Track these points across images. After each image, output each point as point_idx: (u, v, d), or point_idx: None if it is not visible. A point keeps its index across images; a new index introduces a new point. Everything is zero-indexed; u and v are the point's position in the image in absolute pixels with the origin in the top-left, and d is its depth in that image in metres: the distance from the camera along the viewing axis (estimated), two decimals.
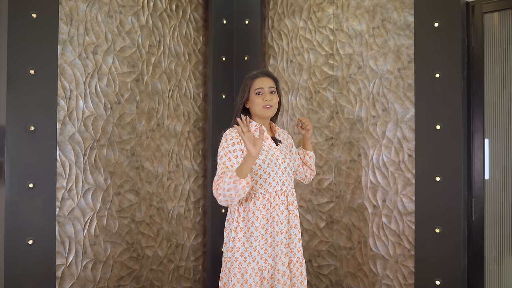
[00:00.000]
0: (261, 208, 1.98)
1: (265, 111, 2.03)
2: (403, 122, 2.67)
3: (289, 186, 2.06)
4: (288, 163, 2.06)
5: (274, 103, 2.05)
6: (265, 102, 2.02)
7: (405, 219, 2.66)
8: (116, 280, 2.73)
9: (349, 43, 2.89)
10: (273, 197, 2.00)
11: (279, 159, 2.02)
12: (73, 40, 2.57)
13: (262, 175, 1.98)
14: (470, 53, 2.54)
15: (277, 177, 2.00)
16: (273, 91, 2.06)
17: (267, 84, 2.05)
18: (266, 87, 2.04)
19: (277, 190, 2.00)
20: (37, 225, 2.34)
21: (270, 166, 1.98)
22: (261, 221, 1.98)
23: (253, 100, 2.04)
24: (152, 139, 2.93)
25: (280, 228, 2.00)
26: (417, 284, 2.56)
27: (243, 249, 1.98)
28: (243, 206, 2.01)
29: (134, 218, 2.82)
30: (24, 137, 2.31)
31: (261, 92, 2.03)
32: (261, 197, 1.99)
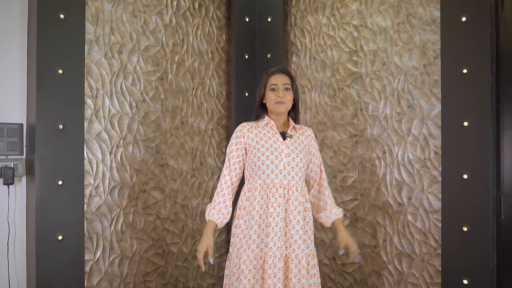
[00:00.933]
0: (259, 198, 2.06)
1: (277, 107, 2.08)
2: (429, 118, 2.63)
3: (292, 181, 2.07)
4: (294, 158, 2.08)
5: (287, 100, 2.10)
6: (277, 98, 2.07)
7: (431, 217, 2.62)
8: (142, 276, 2.78)
9: (373, 39, 2.86)
10: (270, 189, 2.04)
11: (283, 153, 2.06)
12: (99, 40, 2.61)
13: (260, 167, 2.06)
14: (499, 47, 2.47)
15: (276, 170, 2.04)
16: (288, 88, 2.11)
17: (282, 81, 2.10)
18: (280, 83, 2.09)
19: (276, 183, 2.04)
20: (66, 221, 2.40)
21: (269, 158, 2.04)
22: (258, 211, 2.06)
23: (267, 96, 2.12)
24: (176, 137, 2.96)
25: (275, 221, 2.02)
26: (444, 283, 2.52)
27: (242, 235, 2.08)
28: (246, 196, 2.12)
29: (159, 215, 2.86)
30: (53, 136, 2.36)
31: (275, 89, 2.09)
32: (259, 188, 2.07)
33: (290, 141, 2.11)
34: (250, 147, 2.10)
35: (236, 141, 2.13)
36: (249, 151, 2.12)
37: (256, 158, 2.07)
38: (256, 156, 2.07)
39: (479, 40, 2.43)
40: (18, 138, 2.40)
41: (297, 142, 2.15)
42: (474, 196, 2.43)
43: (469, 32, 2.45)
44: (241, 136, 2.12)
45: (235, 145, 2.13)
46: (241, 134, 2.12)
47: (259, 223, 2.06)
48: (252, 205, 2.07)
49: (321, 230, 3.06)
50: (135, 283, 2.75)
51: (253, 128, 2.13)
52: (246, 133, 2.12)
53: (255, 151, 2.08)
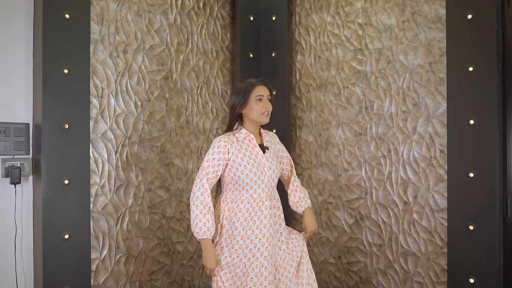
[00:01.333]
0: (244, 211, 2.11)
1: (264, 118, 2.14)
2: (435, 117, 2.62)
3: (273, 192, 2.19)
4: (274, 170, 2.16)
5: (270, 111, 2.17)
6: (264, 108, 2.13)
7: (437, 216, 2.61)
8: (148, 275, 2.79)
9: (378, 38, 2.85)
10: (256, 203, 2.11)
11: (265, 167, 2.13)
12: (104, 40, 2.62)
13: (248, 183, 2.10)
14: (506, 45, 2.46)
15: (262, 184, 2.11)
16: (269, 99, 2.17)
17: (266, 92, 2.16)
18: (265, 95, 2.15)
19: (262, 196, 2.12)
20: (72, 220, 2.41)
21: (256, 175, 2.09)
22: (242, 222, 2.10)
23: (252, 106, 2.13)
24: (181, 136, 2.97)
25: (262, 232, 2.10)
26: (450, 282, 2.51)
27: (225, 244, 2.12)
28: (228, 206, 2.14)
29: (164, 214, 2.87)
30: (59, 135, 2.38)
31: (262, 99, 2.14)
32: (246, 201, 2.11)
33: (268, 154, 2.18)
34: (234, 163, 2.09)
35: (218, 157, 2.09)
36: (231, 165, 2.10)
37: (240, 173, 2.09)
38: (240, 171, 2.09)
39: (485, 37, 2.42)
40: (24, 137, 2.41)
41: (272, 153, 2.22)
42: (480, 194, 2.41)
43: (475, 30, 2.44)
44: (224, 152, 2.09)
45: (217, 160, 2.09)
46: (225, 150, 2.09)
47: (242, 234, 2.10)
48: (236, 216, 2.11)
49: (326, 229, 3.05)
50: (141, 281, 2.76)
51: (234, 143, 2.12)
52: (230, 149, 2.11)
53: (240, 167, 2.09)
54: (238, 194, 2.13)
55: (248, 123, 2.18)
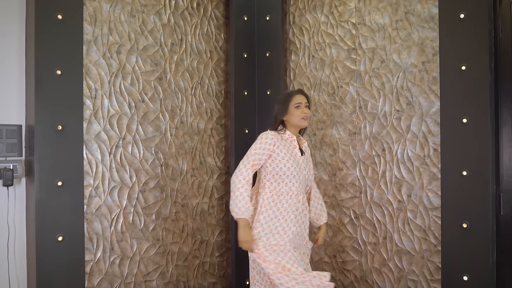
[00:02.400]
0: (284, 202, 2.34)
1: (303, 122, 2.40)
2: (428, 116, 2.63)
3: (305, 189, 2.45)
4: (308, 171, 2.45)
5: (309, 116, 2.42)
6: (303, 114, 2.39)
7: (431, 214, 2.62)
8: (143, 276, 2.78)
9: (371, 37, 2.85)
10: (295, 195, 2.36)
11: (301, 167, 2.39)
12: (97, 40, 2.61)
13: (289, 176, 2.33)
14: (498, 44, 2.48)
15: (299, 180, 2.36)
16: (307, 106, 2.43)
17: (304, 100, 2.42)
18: (303, 102, 2.40)
19: (299, 191, 2.37)
20: (66, 222, 2.40)
21: (295, 170, 2.34)
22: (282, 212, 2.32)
23: (292, 112, 2.39)
24: (176, 136, 2.96)
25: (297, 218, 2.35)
26: (444, 279, 2.52)
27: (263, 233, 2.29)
28: (267, 195, 2.35)
29: (159, 215, 2.86)
30: (52, 136, 2.36)
31: (300, 106, 2.39)
32: (285, 193, 2.36)
33: (304, 157, 2.44)
34: (278, 156, 2.33)
35: (265, 147, 2.32)
36: (275, 158, 2.33)
37: (282, 165, 2.33)
38: (282, 164, 2.33)
39: (477, 36, 2.43)
40: (17, 139, 2.40)
41: (306, 157, 2.49)
42: (473, 192, 2.43)
43: (467, 29, 2.45)
44: (271, 144, 2.33)
45: (263, 149, 2.32)
46: (271, 142, 2.33)
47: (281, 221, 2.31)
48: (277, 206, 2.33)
49: None
50: (135, 283, 2.75)
51: (279, 140, 2.37)
52: (276, 143, 2.34)
53: (283, 160, 2.33)
54: (278, 186, 2.35)
55: (289, 127, 2.43)
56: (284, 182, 2.35)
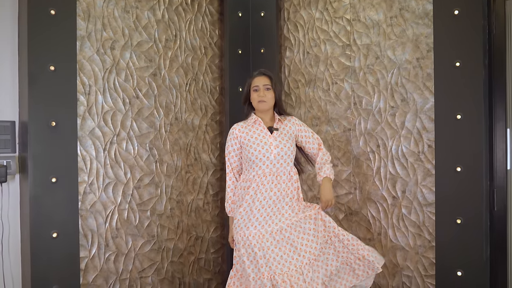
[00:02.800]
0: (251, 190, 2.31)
1: (260, 105, 2.36)
2: (423, 112, 2.64)
3: (280, 168, 2.33)
4: (282, 148, 2.34)
5: (268, 99, 2.36)
6: (259, 97, 2.35)
7: (425, 210, 2.63)
8: (138, 272, 2.78)
9: (366, 33, 2.86)
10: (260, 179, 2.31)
11: (272, 145, 2.33)
12: (91, 36, 2.59)
13: (255, 161, 2.32)
14: (492, 40, 2.49)
15: (267, 161, 2.31)
16: (268, 88, 2.37)
17: (263, 82, 2.37)
18: (261, 84, 2.36)
19: (266, 172, 2.31)
20: (60, 219, 2.39)
21: (261, 152, 2.31)
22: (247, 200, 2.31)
23: (252, 96, 2.40)
24: (170, 133, 2.95)
25: (268, 203, 2.30)
26: (438, 275, 2.54)
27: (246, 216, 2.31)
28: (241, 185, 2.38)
29: (154, 211, 2.86)
30: (46, 133, 2.35)
31: (257, 89, 2.37)
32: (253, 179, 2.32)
33: (277, 134, 2.37)
34: (244, 144, 2.36)
35: (231, 143, 2.41)
36: (243, 148, 2.37)
37: (250, 154, 2.33)
38: (250, 152, 2.33)
39: (471, 33, 2.44)
40: (10, 135, 2.39)
41: (283, 133, 2.39)
42: (467, 188, 2.44)
43: (461, 26, 2.46)
44: (234, 138, 2.39)
45: (231, 146, 2.41)
46: (233, 136, 2.40)
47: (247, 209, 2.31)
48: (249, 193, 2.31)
49: None
50: (131, 279, 2.75)
51: (243, 128, 2.40)
52: (238, 134, 2.39)
53: (248, 148, 2.34)
54: (249, 174, 2.35)
55: (256, 111, 2.42)
56: (252, 168, 2.33)
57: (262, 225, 2.28)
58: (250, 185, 2.32)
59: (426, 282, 2.64)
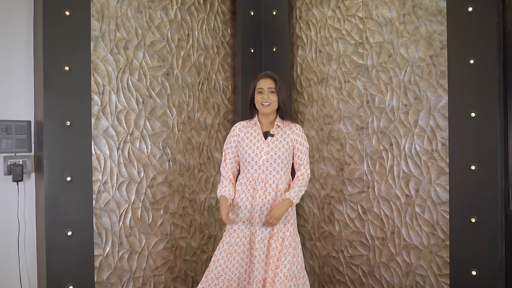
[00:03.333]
0: (244, 188, 2.35)
1: (262, 108, 2.36)
2: (436, 110, 2.62)
3: (269, 175, 2.33)
4: (272, 155, 2.33)
5: (272, 101, 2.35)
6: (262, 99, 2.34)
7: (439, 209, 2.61)
8: (151, 270, 2.80)
9: (379, 31, 2.84)
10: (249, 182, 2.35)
11: (263, 151, 2.33)
12: (105, 36, 2.62)
13: (247, 163, 2.36)
14: (506, 37, 2.45)
15: (256, 166, 2.33)
16: (272, 91, 2.35)
17: (267, 84, 2.35)
18: (265, 87, 2.35)
19: (255, 177, 2.33)
20: (75, 217, 2.42)
21: (250, 156, 2.34)
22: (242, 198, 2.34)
23: (256, 98, 2.39)
24: (183, 132, 2.97)
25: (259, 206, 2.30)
26: (453, 274, 2.52)
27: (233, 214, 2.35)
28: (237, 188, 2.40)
29: (167, 210, 2.88)
30: (61, 132, 2.38)
31: (261, 92, 2.36)
32: (245, 180, 2.37)
33: (271, 140, 2.36)
34: (240, 144, 2.41)
35: (229, 140, 2.44)
36: (241, 147, 2.40)
37: (241, 155, 2.39)
38: (242, 153, 2.39)
39: (486, 30, 2.41)
40: (26, 135, 2.42)
41: (279, 140, 2.37)
42: (482, 187, 2.42)
43: (475, 22, 2.43)
44: (233, 136, 2.43)
45: (229, 143, 2.44)
46: (233, 134, 2.44)
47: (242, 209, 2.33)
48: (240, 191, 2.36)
49: (329, 223, 3.06)
50: (144, 277, 2.77)
51: (243, 128, 2.43)
52: (237, 132, 2.43)
53: (241, 149, 2.39)
54: (242, 174, 2.39)
55: (259, 113, 2.43)
56: (246, 168, 2.37)
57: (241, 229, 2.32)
58: (240, 187, 2.36)
59: (440, 282, 2.62)
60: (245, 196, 2.34)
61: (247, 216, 2.33)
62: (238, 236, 2.33)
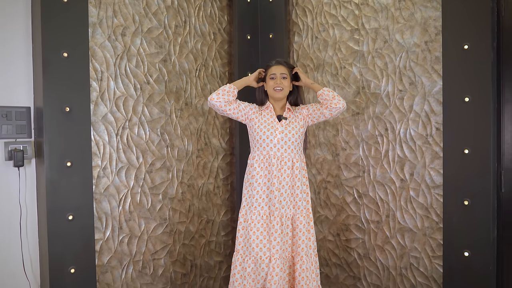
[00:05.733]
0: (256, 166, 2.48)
1: (275, 93, 2.49)
2: (431, 95, 2.65)
3: (284, 153, 2.47)
4: (286, 134, 2.48)
5: (285, 86, 2.49)
6: (275, 84, 2.48)
7: (433, 192, 2.67)
8: (151, 254, 2.85)
9: (374, 17, 2.86)
10: (266, 159, 2.47)
11: (278, 130, 2.48)
12: (102, 23, 2.63)
13: (259, 141, 2.49)
14: (500, 22, 2.48)
15: (271, 144, 2.47)
16: (285, 77, 2.50)
17: (280, 71, 2.50)
18: (278, 73, 2.50)
19: (271, 155, 2.46)
20: (76, 202, 2.46)
21: (265, 134, 2.47)
22: (261, 175, 2.47)
23: (268, 84, 2.53)
24: (181, 118, 3.00)
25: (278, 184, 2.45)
26: (446, 256, 2.58)
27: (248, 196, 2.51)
28: (249, 162, 2.54)
29: (166, 195, 2.92)
30: (60, 118, 2.41)
31: (274, 77, 2.50)
32: (257, 158, 2.49)
33: (284, 122, 2.51)
34: (252, 122, 2.53)
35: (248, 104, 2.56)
36: (251, 126, 2.53)
37: (255, 133, 2.51)
38: (256, 131, 2.51)
39: (480, 15, 2.44)
40: (26, 121, 2.45)
41: (292, 122, 2.53)
42: (475, 170, 2.46)
43: (470, 8, 2.46)
44: (252, 108, 2.55)
45: (247, 105, 2.54)
46: (252, 107, 2.56)
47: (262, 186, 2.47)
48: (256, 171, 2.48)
49: (325, 208, 3.11)
50: (144, 261, 2.82)
51: (258, 110, 2.57)
52: (255, 111, 2.55)
53: (256, 127, 2.51)
54: (253, 152, 2.53)
55: (270, 98, 2.56)
56: (257, 147, 2.49)
57: (262, 206, 2.46)
58: (253, 164, 2.50)
59: (433, 263, 2.68)
60: (263, 172, 2.47)
61: (266, 192, 2.46)
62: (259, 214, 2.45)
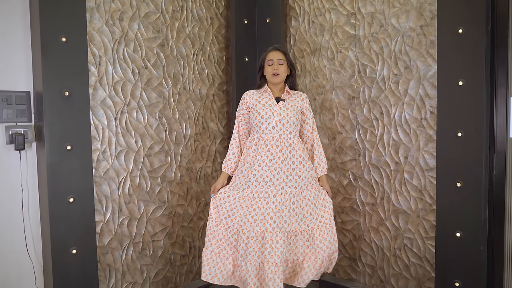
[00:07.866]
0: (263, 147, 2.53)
1: (273, 78, 2.58)
2: (425, 79, 2.69)
3: (283, 135, 2.55)
4: (284, 117, 2.56)
5: (281, 72, 2.58)
6: (273, 70, 2.57)
7: (427, 175, 2.72)
8: (150, 236, 2.91)
9: (370, 2, 2.88)
10: (263, 141, 2.54)
11: (276, 113, 2.56)
12: (100, 8, 2.64)
13: (258, 124, 2.57)
14: (495, 7, 2.50)
15: (270, 126, 2.54)
16: (282, 63, 2.59)
17: (277, 56, 2.59)
18: (275, 59, 2.58)
19: (269, 136, 2.54)
20: (76, 185, 2.50)
21: (264, 117, 2.55)
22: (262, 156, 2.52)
23: (266, 69, 2.62)
24: (179, 102, 3.03)
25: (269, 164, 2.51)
26: (438, 236, 2.64)
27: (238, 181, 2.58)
28: (247, 144, 2.63)
29: (164, 178, 2.97)
30: (60, 102, 2.44)
31: (271, 63, 2.58)
32: (256, 139, 2.57)
33: (282, 104, 2.59)
34: (251, 109, 2.63)
35: (241, 107, 2.69)
36: (250, 112, 2.63)
37: (255, 117, 2.59)
38: (255, 116, 2.59)
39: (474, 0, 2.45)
40: (26, 105, 2.48)
41: (290, 105, 2.61)
42: (468, 153, 2.51)
43: None
44: (244, 103, 2.67)
45: (241, 110, 2.69)
46: (244, 101, 2.67)
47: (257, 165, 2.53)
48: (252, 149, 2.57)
49: None
50: (143, 242, 2.88)
51: (253, 95, 2.65)
52: (248, 99, 2.65)
53: (254, 112, 2.59)
54: (253, 136, 2.60)
55: (269, 82, 2.64)
56: (256, 131, 2.57)
57: (261, 185, 2.50)
58: (252, 146, 2.57)
59: (426, 244, 2.75)
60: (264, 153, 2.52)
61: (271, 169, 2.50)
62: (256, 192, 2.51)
